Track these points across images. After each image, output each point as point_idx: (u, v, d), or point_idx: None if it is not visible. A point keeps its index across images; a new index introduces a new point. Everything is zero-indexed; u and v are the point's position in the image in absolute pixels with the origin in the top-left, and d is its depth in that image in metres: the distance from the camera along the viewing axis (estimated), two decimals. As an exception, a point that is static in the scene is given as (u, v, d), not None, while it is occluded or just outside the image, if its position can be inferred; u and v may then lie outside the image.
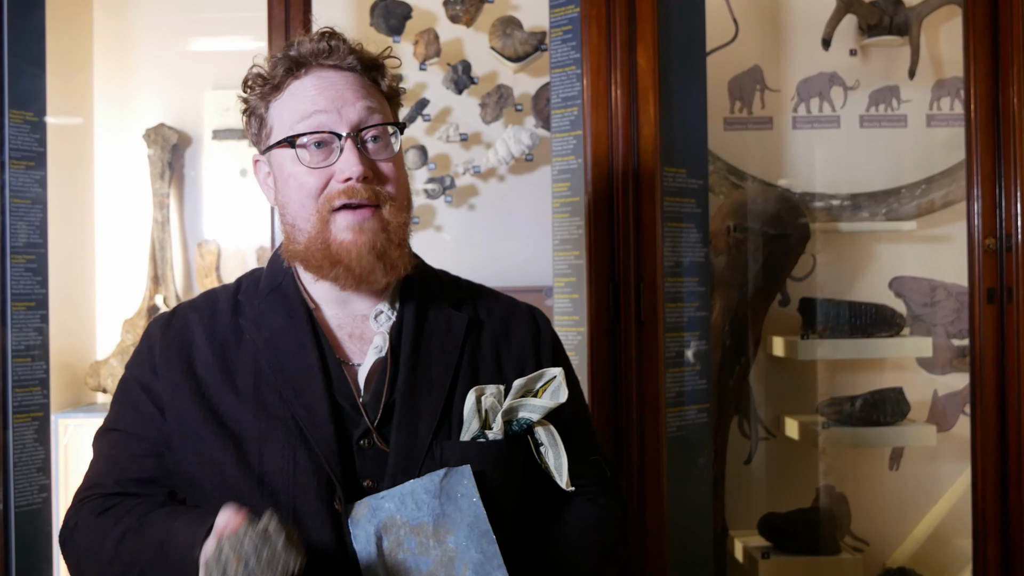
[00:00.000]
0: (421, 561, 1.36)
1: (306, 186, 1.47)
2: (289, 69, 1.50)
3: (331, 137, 1.46)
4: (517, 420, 1.46)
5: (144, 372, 1.52)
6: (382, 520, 1.37)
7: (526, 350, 1.59)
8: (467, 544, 1.37)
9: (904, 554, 3.28)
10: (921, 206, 3.27)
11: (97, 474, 1.52)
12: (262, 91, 1.53)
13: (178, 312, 1.58)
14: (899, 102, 3.30)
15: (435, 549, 1.36)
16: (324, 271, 1.48)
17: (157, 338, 1.54)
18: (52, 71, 2.58)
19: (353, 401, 1.47)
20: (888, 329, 3.17)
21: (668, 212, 2.50)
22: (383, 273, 1.48)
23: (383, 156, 1.50)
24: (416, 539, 1.37)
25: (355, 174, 1.44)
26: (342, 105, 1.47)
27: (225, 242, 3.12)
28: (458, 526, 1.38)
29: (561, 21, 2.55)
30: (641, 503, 2.44)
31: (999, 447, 2.63)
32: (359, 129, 1.47)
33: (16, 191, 2.46)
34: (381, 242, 1.46)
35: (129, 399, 1.53)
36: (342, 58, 1.50)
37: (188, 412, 1.46)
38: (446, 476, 1.40)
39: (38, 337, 2.49)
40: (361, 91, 1.50)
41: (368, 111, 1.48)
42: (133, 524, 1.41)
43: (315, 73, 1.50)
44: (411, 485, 1.39)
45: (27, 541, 2.43)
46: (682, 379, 2.54)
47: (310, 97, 1.48)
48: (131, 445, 1.50)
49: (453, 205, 3.18)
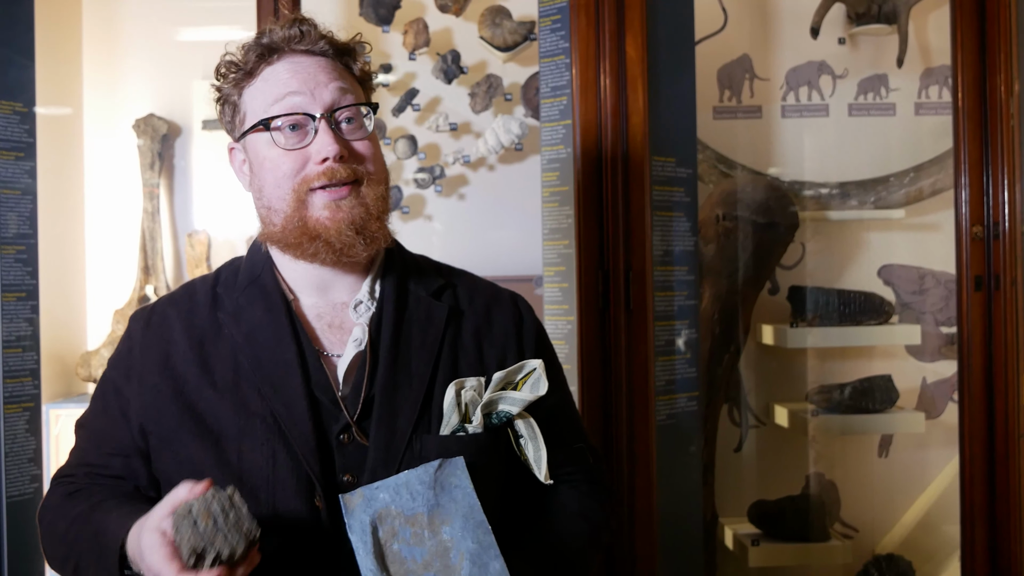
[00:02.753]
0: (416, 551, 1.36)
1: (282, 168, 1.47)
2: (261, 55, 1.50)
3: (305, 119, 1.46)
4: (497, 413, 1.46)
5: (120, 374, 1.53)
6: (377, 511, 1.37)
7: (508, 339, 1.57)
8: (463, 534, 1.37)
9: (893, 540, 3.29)
10: (909, 194, 3.28)
11: (71, 464, 1.57)
12: (235, 78, 1.53)
13: (157, 309, 1.57)
14: (887, 90, 3.31)
15: (430, 540, 1.37)
16: (303, 248, 1.46)
17: (137, 339, 1.54)
18: (41, 61, 2.57)
19: (332, 395, 1.46)
20: (877, 317, 3.18)
21: (657, 201, 2.51)
22: (363, 247, 1.46)
23: (357, 136, 1.49)
24: (411, 529, 1.37)
25: (331, 153, 1.44)
26: (315, 87, 1.47)
27: (215, 232, 3.11)
28: (453, 517, 1.38)
29: (550, 10, 2.55)
30: (631, 491, 2.45)
31: (987, 434, 2.65)
32: (333, 110, 1.47)
33: (5, 182, 2.45)
34: (359, 216, 1.46)
35: (104, 399, 1.55)
36: (313, 42, 1.50)
37: (165, 412, 1.46)
38: (440, 467, 1.40)
39: (29, 328, 2.49)
40: (333, 73, 1.50)
41: (341, 92, 1.48)
42: (85, 510, 1.44)
43: (287, 59, 1.50)
44: (406, 476, 1.39)
45: (19, 531, 2.43)
46: (672, 367, 2.55)
47: (283, 80, 1.48)
48: (99, 443, 1.53)
49: (443, 195, 3.19)
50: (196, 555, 1.20)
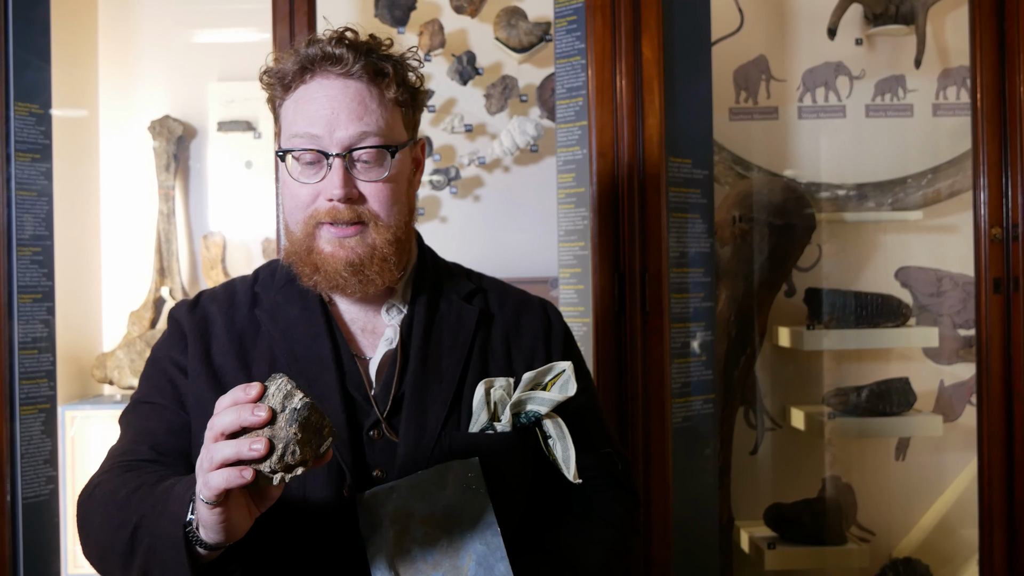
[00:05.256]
0: (427, 551, 1.38)
1: (296, 197, 1.50)
2: (300, 69, 1.50)
3: (321, 155, 1.47)
4: (525, 413, 1.47)
5: (177, 351, 1.55)
6: (390, 510, 1.38)
7: (536, 344, 1.61)
8: (472, 535, 1.38)
9: (910, 544, 3.28)
10: (927, 196, 3.26)
11: (130, 442, 1.52)
12: (275, 88, 1.54)
13: (200, 302, 1.61)
14: (905, 91, 3.29)
15: (442, 540, 1.38)
16: (306, 276, 1.52)
17: (185, 321, 1.57)
18: (57, 63, 2.58)
19: (364, 393, 1.50)
20: (894, 319, 3.17)
21: (673, 203, 2.50)
22: (357, 287, 1.50)
23: (372, 176, 1.49)
24: (423, 529, 1.38)
25: (337, 196, 1.46)
26: (336, 125, 1.46)
27: (230, 234, 3.12)
28: (464, 518, 1.39)
29: (566, 11, 2.54)
30: (647, 494, 2.44)
31: (1005, 437, 2.63)
32: (350, 149, 1.47)
33: (22, 184, 2.46)
34: (359, 258, 1.48)
35: (165, 375, 1.55)
36: (349, 67, 1.48)
37: (204, 400, 1.49)
38: (454, 468, 1.42)
39: (44, 329, 2.50)
40: (360, 108, 1.47)
41: (362, 133, 1.47)
42: (150, 479, 1.41)
43: (320, 79, 1.49)
44: (419, 476, 1.41)
45: (34, 533, 2.44)
46: (688, 370, 2.54)
47: (308, 113, 1.48)
48: (166, 417, 1.52)
49: (458, 196, 3.18)
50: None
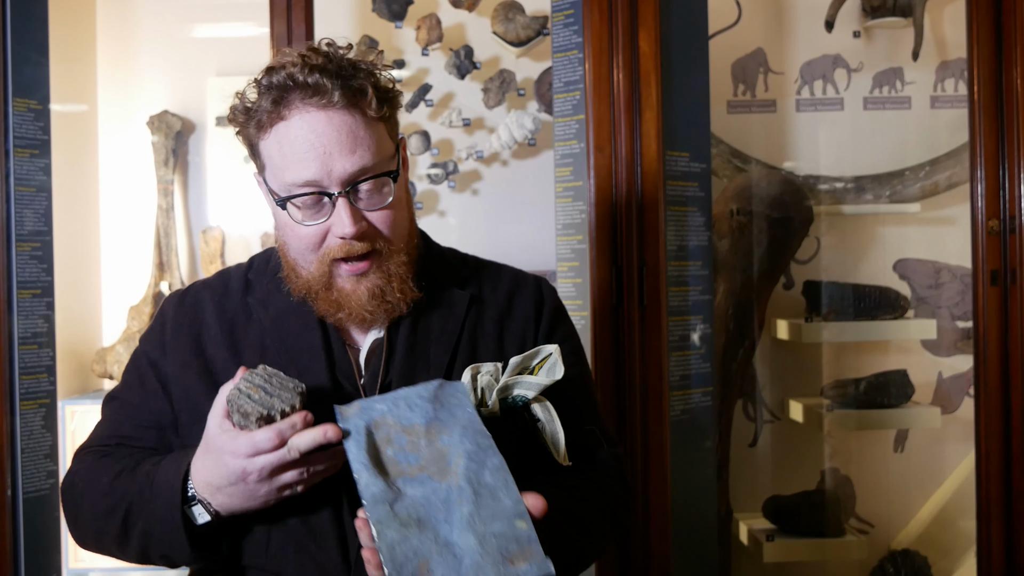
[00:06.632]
0: (411, 456, 1.35)
1: (305, 239, 1.47)
2: (275, 102, 1.43)
3: (322, 195, 1.44)
4: (512, 397, 1.47)
5: (154, 348, 1.57)
6: (372, 418, 1.38)
7: (528, 323, 1.61)
8: (461, 440, 1.36)
9: (909, 536, 3.28)
10: (925, 188, 3.26)
11: (102, 435, 1.58)
12: (249, 128, 1.48)
13: (191, 290, 1.62)
14: (903, 84, 3.29)
15: (426, 448, 1.36)
16: (330, 314, 1.50)
17: (170, 316, 1.58)
18: (55, 59, 2.58)
19: (354, 382, 1.51)
20: (892, 311, 3.17)
21: (671, 196, 2.50)
22: (385, 316, 1.50)
23: (377, 203, 1.47)
24: (407, 438, 1.37)
25: (348, 234, 1.43)
26: (331, 164, 1.41)
27: (229, 228, 3.12)
28: (451, 428, 1.38)
29: (563, 5, 2.54)
30: (645, 486, 2.45)
31: (1003, 428, 2.64)
32: (351, 184, 1.43)
33: (21, 179, 2.46)
34: (380, 287, 1.48)
35: (138, 372, 1.58)
36: (329, 97, 1.42)
37: (194, 388, 1.50)
38: (441, 386, 1.43)
39: (44, 324, 2.50)
40: (351, 141, 1.42)
41: (360, 169, 1.43)
42: (130, 464, 1.47)
43: (300, 116, 1.42)
44: (404, 391, 1.42)
45: (35, 527, 2.44)
46: (686, 362, 2.54)
47: (299, 155, 1.42)
48: (134, 415, 1.56)
49: (456, 190, 3.19)
50: (264, 420, 1.32)
